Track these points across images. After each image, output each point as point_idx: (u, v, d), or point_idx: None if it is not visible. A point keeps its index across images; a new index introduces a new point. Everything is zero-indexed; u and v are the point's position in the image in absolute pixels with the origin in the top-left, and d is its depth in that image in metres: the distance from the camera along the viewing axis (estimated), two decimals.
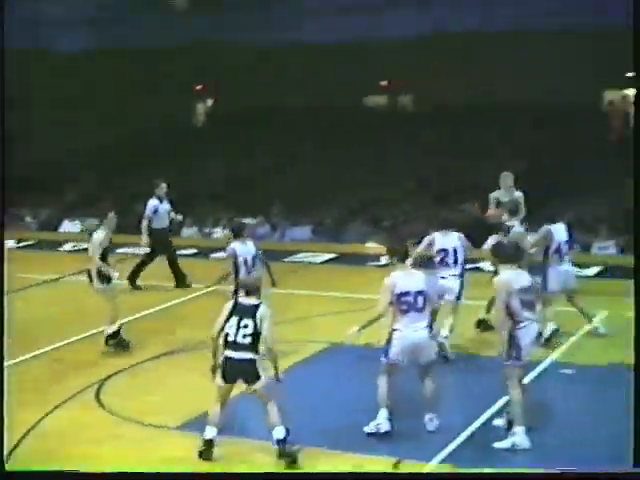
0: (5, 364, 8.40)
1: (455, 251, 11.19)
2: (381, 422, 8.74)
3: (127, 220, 22.61)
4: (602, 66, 22.59)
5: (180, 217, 16.03)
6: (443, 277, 11.05)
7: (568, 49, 22.91)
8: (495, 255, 8.80)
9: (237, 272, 11.09)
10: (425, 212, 21.46)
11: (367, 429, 8.73)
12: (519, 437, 8.33)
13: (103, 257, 11.57)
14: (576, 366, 10.12)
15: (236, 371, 8.36)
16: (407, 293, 8.67)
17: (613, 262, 16.15)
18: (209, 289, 14.59)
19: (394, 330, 8.72)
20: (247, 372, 8.33)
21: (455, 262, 11.17)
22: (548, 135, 23.82)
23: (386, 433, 8.68)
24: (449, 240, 11.22)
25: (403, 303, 8.66)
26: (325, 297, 14.25)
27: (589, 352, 10.87)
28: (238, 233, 11.41)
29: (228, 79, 27.05)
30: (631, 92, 24.78)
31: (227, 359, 8.37)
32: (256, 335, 8.26)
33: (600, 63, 22.52)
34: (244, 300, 8.51)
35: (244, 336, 8.27)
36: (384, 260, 13.98)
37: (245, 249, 11.25)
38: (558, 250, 11.50)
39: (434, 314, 9.33)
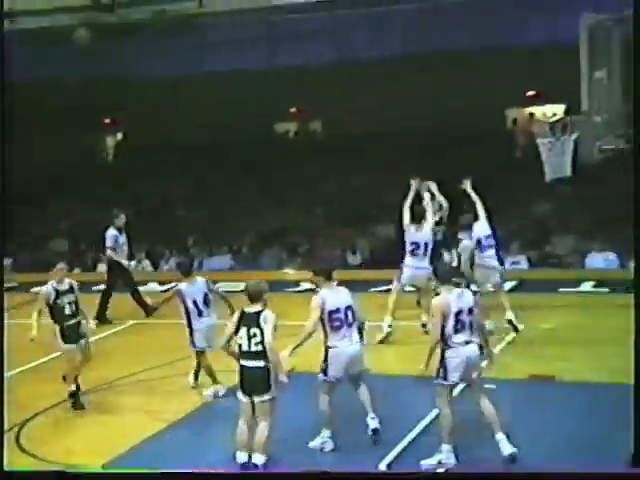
0: None
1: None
2: (326, 441, 8.93)
3: (38, 258, 22.43)
4: (504, 86, 23.19)
5: (132, 263, 16.03)
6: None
7: (472, 70, 23.45)
8: (435, 276, 9.01)
9: (188, 315, 10.81)
10: (338, 236, 21.77)
11: (312, 444, 8.91)
12: (445, 455, 8.45)
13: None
14: (498, 381, 10.20)
15: (251, 381, 8.40)
16: (337, 310, 8.84)
17: (526, 276, 16.52)
18: (130, 324, 14.49)
19: (329, 348, 8.86)
20: (259, 381, 8.38)
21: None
22: (456, 154, 24.32)
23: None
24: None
25: (335, 320, 8.82)
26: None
27: (510, 366, 11.01)
28: (185, 271, 10.98)
29: (137, 112, 26.86)
30: (535, 110, 25.59)
31: (242, 368, 8.45)
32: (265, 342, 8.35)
33: (502, 83, 23.11)
34: (248, 309, 8.54)
35: (255, 344, 8.35)
36: (306, 285, 14.13)
37: (193, 289, 10.84)
38: (479, 245, 12.00)
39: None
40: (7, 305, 12.06)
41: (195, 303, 10.75)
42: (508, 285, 15.68)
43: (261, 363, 8.37)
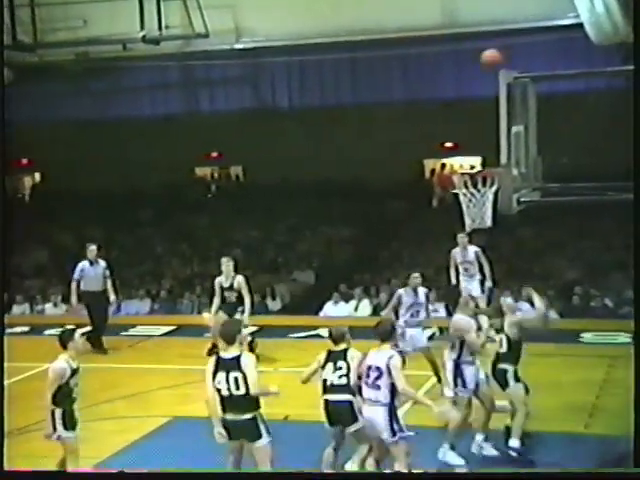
0: None
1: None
2: None
3: None
4: (417, 139, 23.72)
5: (113, 297, 15.96)
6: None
7: (384, 124, 23.92)
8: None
9: None
10: (259, 282, 21.79)
11: None
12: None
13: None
14: (417, 427, 10.24)
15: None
16: None
17: (444, 325, 16.70)
18: (38, 369, 14.18)
19: None
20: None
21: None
22: (374, 204, 24.72)
23: None
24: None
25: None
26: (162, 370, 14.11)
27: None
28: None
29: (54, 154, 26.59)
30: (452, 161, 26.21)
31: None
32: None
33: (418, 134, 23.62)
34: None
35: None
36: None
37: None
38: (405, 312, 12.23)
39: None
40: None
41: None
42: (426, 333, 15.93)
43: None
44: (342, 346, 9.01)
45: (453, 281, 14.56)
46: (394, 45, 16.95)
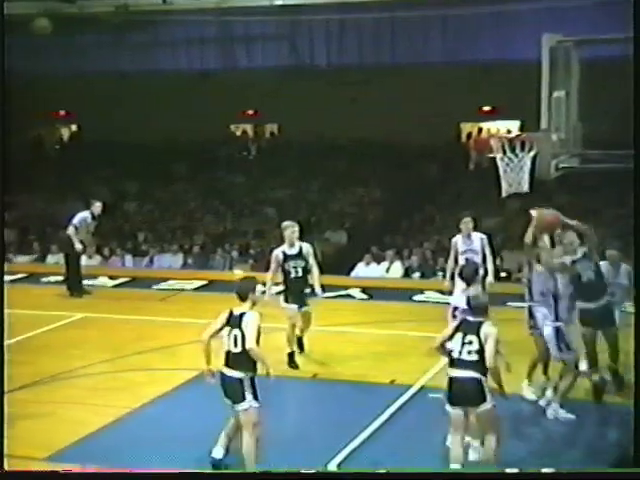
0: None
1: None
2: None
3: None
4: (459, 100, 23.46)
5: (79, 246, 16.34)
6: None
7: (422, 86, 23.69)
8: None
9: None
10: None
11: None
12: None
13: None
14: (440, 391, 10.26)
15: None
16: None
17: None
18: (73, 318, 14.41)
19: None
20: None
21: None
22: (409, 167, 24.60)
23: None
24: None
25: None
26: (193, 324, 14.20)
27: None
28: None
29: (92, 106, 26.65)
30: (489, 125, 25.96)
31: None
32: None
33: (457, 97, 23.38)
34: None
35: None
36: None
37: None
38: None
39: None
40: None
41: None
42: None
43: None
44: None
45: (448, 275, 12.59)
46: (435, 5, 16.76)
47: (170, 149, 26.60)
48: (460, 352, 7.98)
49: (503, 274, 18.92)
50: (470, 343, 7.94)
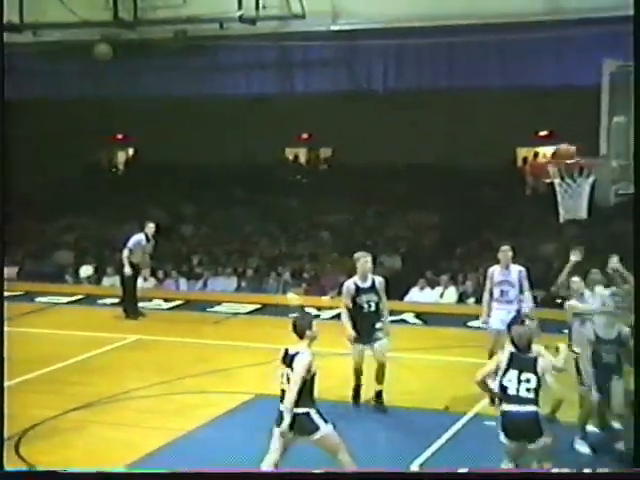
0: None
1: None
2: None
3: (46, 269, 22.52)
4: (516, 125, 23.31)
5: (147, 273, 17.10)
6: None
7: (479, 111, 23.58)
8: None
9: None
10: (345, 264, 21.79)
11: None
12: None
13: None
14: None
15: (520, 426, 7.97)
16: None
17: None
18: (132, 339, 14.54)
19: None
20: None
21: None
22: (465, 191, 24.45)
23: None
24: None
25: None
26: (247, 348, 14.23)
27: None
28: None
29: (150, 129, 26.99)
30: (545, 150, 25.73)
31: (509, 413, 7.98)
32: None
33: (514, 122, 23.23)
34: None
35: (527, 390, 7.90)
36: (311, 311, 14.14)
37: None
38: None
39: None
40: (10, 314, 12.04)
41: None
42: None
43: (532, 409, 7.90)
44: (531, 354, 8.00)
45: (485, 310, 11.84)
46: (493, 30, 16.68)
47: (227, 172, 26.81)
48: (518, 389, 7.87)
49: (559, 300, 18.67)
50: (528, 381, 7.85)
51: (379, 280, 11.42)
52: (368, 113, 24.46)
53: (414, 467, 9.18)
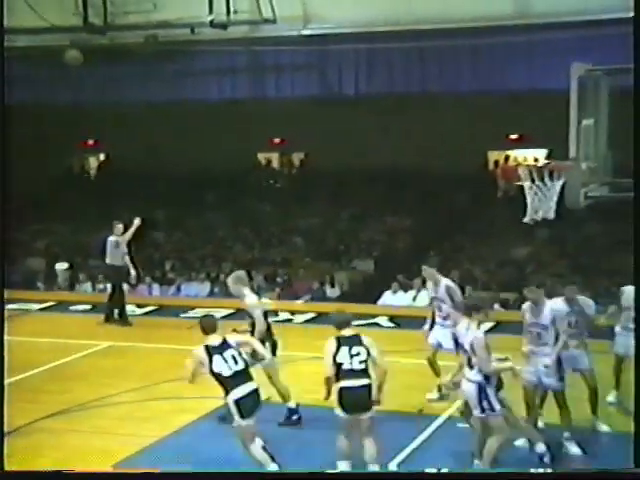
0: None
1: None
2: None
3: (15, 276, 22.33)
4: (486, 128, 23.46)
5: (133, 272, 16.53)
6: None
7: (451, 115, 23.71)
8: None
9: None
10: (318, 269, 21.85)
11: None
12: None
13: None
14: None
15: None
16: None
17: (503, 318, 16.59)
18: (105, 346, 14.47)
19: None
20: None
21: None
22: (436, 195, 24.58)
23: None
24: None
25: None
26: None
27: None
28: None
29: (121, 135, 26.89)
30: (516, 153, 25.90)
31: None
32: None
33: (484, 126, 23.37)
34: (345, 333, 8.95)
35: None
36: (284, 315, 14.17)
37: None
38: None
39: None
40: None
41: None
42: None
43: (367, 381, 8.70)
44: (351, 331, 8.91)
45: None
46: (464, 35, 16.77)
47: (199, 177, 26.76)
48: (351, 363, 8.71)
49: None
50: (358, 354, 8.71)
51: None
52: (340, 117, 24.54)
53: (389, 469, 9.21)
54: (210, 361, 8.80)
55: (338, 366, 8.70)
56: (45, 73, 24.89)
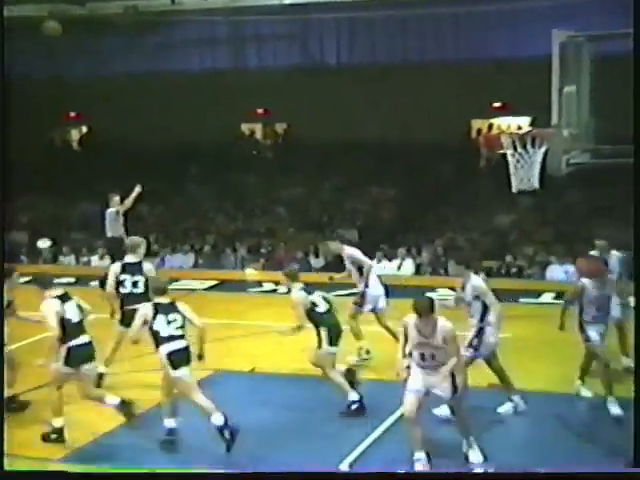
0: None
1: None
2: None
3: None
4: (469, 97, 23.39)
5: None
6: None
7: (438, 80, 23.62)
8: None
9: None
10: (302, 239, 21.84)
11: None
12: None
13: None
14: None
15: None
16: None
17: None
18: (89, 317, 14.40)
19: None
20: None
21: None
22: (420, 164, 24.54)
23: None
24: None
25: None
26: (206, 324, 14.17)
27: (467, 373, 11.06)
28: None
29: (103, 107, 26.69)
30: (499, 121, 25.88)
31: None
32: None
33: (467, 94, 23.31)
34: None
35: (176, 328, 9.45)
36: (269, 285, 14.18)
37: None
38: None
39: None
40: None
41: None
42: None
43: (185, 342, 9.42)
44: (168, 299, 9.52)
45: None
46: (446, 3, 16.74)
47: (182, 149, 26.62)
48: (169, 331, 9.31)
49: (514, 269, 18.94)
50: (175, 321, 9.37)
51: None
52: (323, 87, 24.43)
53: (376, 433, 9.28)
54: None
55: (155, 333, 9.28)
56: (24, 45, 24.67)
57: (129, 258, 11.40)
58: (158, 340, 9.31)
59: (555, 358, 11.77)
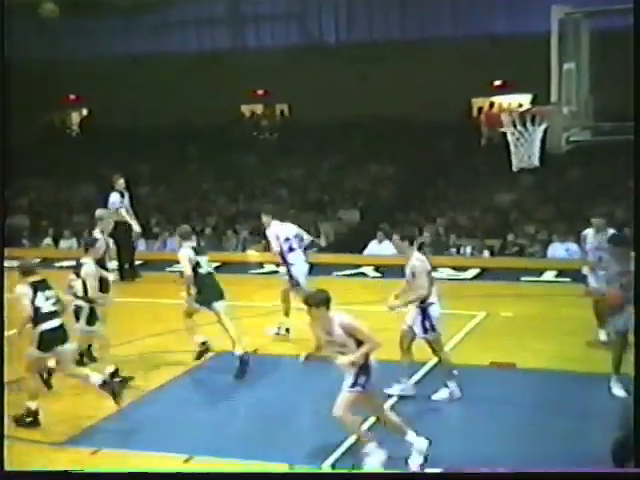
0: None
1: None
2: None
3: None
4: (470, 75, 23.31)
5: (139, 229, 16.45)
6: None
7: (438, 58, 23.53)
8: None
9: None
10: (303, 220, 21.81)
11: None
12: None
13: None
14: (459, 368, 10.00)
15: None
16: None
17: (488, 264, 16.67)
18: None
19: None
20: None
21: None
22: (421, 143, 24.48)
23: None
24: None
25: None
26: None
27: (469, 353, 11.12)
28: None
29: (103, 89, 26.63)
30: (500, 99, 25.80)
31: None
32: None
33: (468, 72, 23.22)
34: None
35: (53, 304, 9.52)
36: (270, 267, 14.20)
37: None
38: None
39: None
40: None
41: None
42: (471, 273, 15.86)
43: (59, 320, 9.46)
44: (38, 277, 9.57)
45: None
46: None
47: (183, 131, 26.58)
48: (46, 307, 9.33)
49: (516, 248, 18.92)
50: (49, 298, 9.39)
51: None
52: (322, 67, 24.36)
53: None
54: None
55: (36, 310, 9.27)
56: (23, 27, 24.57)
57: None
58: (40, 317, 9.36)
59: (558, 336, 11.76)
